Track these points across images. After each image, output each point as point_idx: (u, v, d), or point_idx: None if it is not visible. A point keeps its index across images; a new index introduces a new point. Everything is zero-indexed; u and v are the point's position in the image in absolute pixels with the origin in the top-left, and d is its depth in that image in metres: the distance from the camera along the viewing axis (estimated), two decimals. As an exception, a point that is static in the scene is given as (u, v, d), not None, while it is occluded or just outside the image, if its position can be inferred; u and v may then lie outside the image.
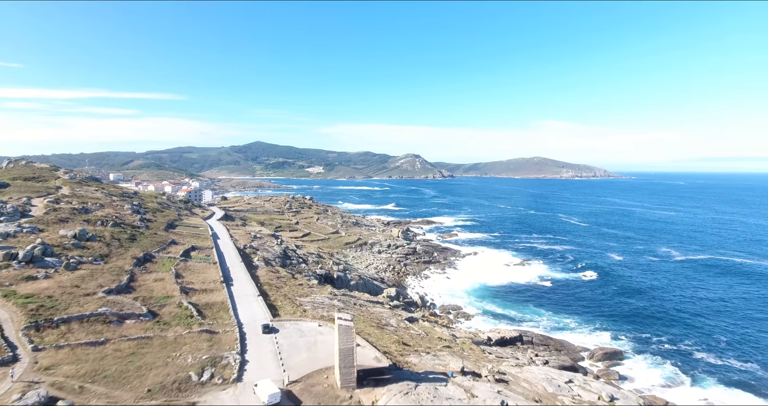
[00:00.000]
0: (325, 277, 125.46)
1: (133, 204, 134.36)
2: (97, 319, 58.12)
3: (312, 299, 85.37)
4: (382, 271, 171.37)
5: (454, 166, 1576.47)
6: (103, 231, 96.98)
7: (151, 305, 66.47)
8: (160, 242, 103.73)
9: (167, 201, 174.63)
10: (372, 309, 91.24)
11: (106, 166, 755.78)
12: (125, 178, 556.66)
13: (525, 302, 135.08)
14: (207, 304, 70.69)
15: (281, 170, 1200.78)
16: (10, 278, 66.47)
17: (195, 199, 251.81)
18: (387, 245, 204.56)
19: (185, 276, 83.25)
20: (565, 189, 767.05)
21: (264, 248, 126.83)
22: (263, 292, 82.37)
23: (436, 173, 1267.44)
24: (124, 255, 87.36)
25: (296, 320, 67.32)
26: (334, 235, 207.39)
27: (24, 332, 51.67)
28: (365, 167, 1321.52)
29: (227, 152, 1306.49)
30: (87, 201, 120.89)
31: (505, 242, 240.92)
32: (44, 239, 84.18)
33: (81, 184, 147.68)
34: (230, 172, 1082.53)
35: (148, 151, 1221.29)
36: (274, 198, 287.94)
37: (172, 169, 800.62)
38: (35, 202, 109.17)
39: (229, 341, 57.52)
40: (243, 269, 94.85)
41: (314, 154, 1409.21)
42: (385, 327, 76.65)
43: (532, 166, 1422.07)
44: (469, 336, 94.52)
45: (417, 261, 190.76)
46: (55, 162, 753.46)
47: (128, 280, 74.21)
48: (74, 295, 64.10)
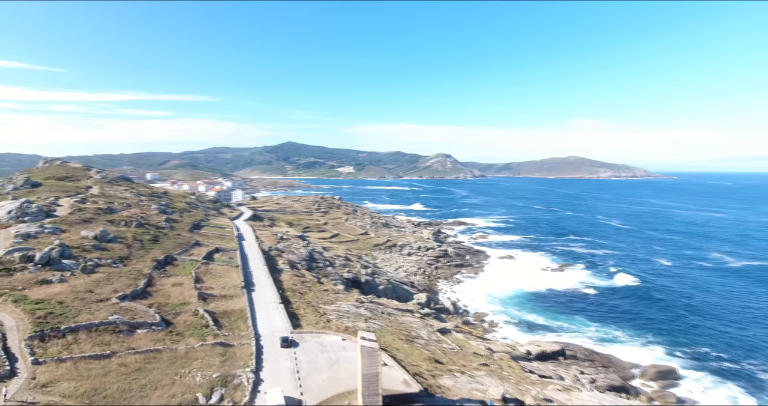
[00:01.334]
0: (352, 281, 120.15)
1: (161, 204, 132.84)
2: (106, 328, 54.24)
3: (337, 307, 79.88)
4: (411, 274, 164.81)
5: (485, 165, 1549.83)
6: (125, 232, 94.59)
7: (166, 313, 62.43)
8: (183, 243, 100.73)
9: (196, 201, 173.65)
10: (401, 318, 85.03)
11: (144, 166, 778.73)
12: (161, 177, 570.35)
13: (566, 310, 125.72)
14: (225, 312, 66.22)
15: (312, 170, 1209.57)
16: (24, 282, 63.81)
17: (224, 199, 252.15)
18: (417, 247, 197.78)
19: (205, 280, 79.33)
20: (603, 190, 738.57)
21: (290, 250, 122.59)
22: (285, 298, 77.48)
23: (467, 173, 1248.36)
24: (145, 257, 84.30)
25: (318, 333, 61.86)
26: (363, 236, 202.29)
27: (27, 343, 48.09)
28: (395, 167, 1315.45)
29: (260, 152, 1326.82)
30: (114, 201, 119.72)
31: (541, 244, 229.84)
32: (65, 239, 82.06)
33: (111, 184, 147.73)
34: (262, 172, 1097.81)
35: (184, 151, 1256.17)
36: (302, 198, 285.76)
37: (206, 169, 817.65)
38: (62, 202, 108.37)
39: (244, 356, 52.52)
40: (266, 273, 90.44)
41: (345, 154, 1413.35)
42: (415, 340, 70.29)
43: (567, 166, 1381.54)
44: (507, 350, 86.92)
45: (448, 264, 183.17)
46: (96, 162, 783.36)
47: (145, 284, 70.64)
48: (86, 301, 60.68)
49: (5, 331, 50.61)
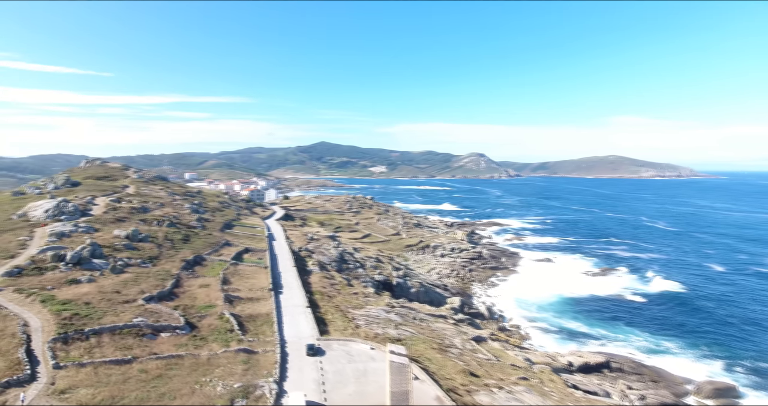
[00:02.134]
0: (383, 283, 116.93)
1: (194, 203, 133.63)
2: (130, 331, 52.90)
3: (366, 311, 76.71)
4: (444, 277, 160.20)
5: (520, 165, 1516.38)
6: (157, 231, 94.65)
7: (191, 316, 60.87)
8: (214, 243, 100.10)
9: (229, 200, 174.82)
10: (434, 325, 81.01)
11: (183, 166, 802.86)
12: (199, 177, 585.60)
13: (610, 318, 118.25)
14: (251, 316, 64.15)
15: (344, 170, 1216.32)
16: (54, 281, 63.71)
17: (257, 199, 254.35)
18: (450, 248, 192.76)
19: (233, 282, 77.81)
20: (645, 190, 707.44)
21: (320, 250, 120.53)
22: (313, 302, 74.92)
23: (501, 173, 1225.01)
24: (174, 257, 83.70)
25: (346, 340, 58.78)
26: (394, 237, 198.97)
27: (50, 345, 47.11)
28: (428, 167, 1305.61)
29: (293, 152, 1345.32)
30: (148, 200, 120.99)
31: (580, 247, 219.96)
32: (97, 239, 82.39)
33: (147, 184, 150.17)
34: (296, 171, 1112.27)
35: (221, 151, 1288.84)
36: (334, 198, 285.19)
37: (242, 168, 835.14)
38: (98, 200, 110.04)
39: (267, 364, 49.97)
40: (295, 275, 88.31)
41: (377, 154, 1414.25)
42: (448, 350, 66.21)
43: (606, 166, 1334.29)
44: (547, 361, 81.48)
45: (483, 267, 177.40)
46: (139, 162, 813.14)
47: (172, 285, 69.56)
48: (113, 302, 59.82)
49: (30, 332, 49.96)
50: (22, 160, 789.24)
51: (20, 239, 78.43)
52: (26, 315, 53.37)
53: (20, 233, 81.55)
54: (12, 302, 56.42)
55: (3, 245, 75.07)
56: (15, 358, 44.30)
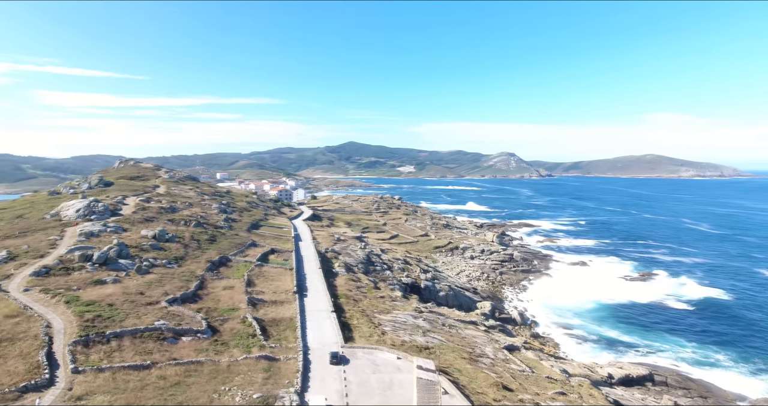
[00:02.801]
0: (411, 286, 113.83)
1: (222, 203, 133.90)
2: (151, 335, 51.68)
3: (393, 316, 73.84)
4: (474, 279, 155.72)
5: (552, 164, 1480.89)
6: (184, 231, 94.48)
7: (213, 319, 59.43)
8: (240, 243, 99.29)
9: (257, 200, 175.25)
10: (463, 331, 77.38)
11: (215, 166, 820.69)
12: (230, 177, 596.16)
13: (652, 327, 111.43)
14: (274, 320, 62.26)
15: (373, 169, 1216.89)
16: (80, 282, 63.54)
17: (285, 198, 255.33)
18: (480, 250, 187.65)
19: (257, 284, 76.33)
20: (685, 190, 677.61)
21: (346, 252, 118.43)
22: (338, 306, 72.57)
23: (532, 172, 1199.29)
24: (200, 258, 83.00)
25: (371, 348, 56.01)
26: (423, 237, 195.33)
27: (71, 348, 46.26)
28: (457, 166, 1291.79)
29: (322, 152, 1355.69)
30: (177, 200, 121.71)
31: (617, 250, 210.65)
32: (125, 238, 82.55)
33: (177, 183, 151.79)
34: (325, 171, 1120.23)
35: (252, 152, 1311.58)
36: (362, 198, 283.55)
37: (271, 168, 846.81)
38: (128, 200, 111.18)
39: (289, 372, 47.75)
40: (320, 277, 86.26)
41: (405, 154, 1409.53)
42: (479, 360, 62.58)
43: (643, 165, 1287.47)
44: (585, 373, 76.58)
45: (514, 269, 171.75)
46: (173, 163, 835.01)
47: (196, 287, 68.51)
48: (136, 303, 59.01)
49: (53, 334, 49.38)
50: (64, 161, 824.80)
51: (51, 238, 79.28)
52: (50, 316, 52.98)
53: (52, 233, 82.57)
54: (38, 302, 56.29)
55: (34, 245, 75.96)
56: (35, 361, 43.57)
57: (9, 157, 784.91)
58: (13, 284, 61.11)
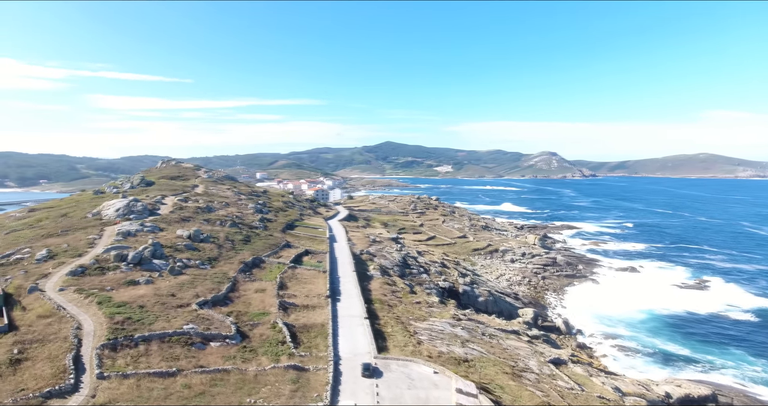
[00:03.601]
0: (448, 291, 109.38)
1: (258, 203, 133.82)
2: (179, 339, 50.18)
3: (430, 324, 69.93)
4: (515, 284, 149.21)
5: (596, 164, 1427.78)
6: (219, 231, 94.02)
7: (243, 323, 57.53)
8: (274, 244, 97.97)
9: (293, 200, 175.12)
10: (505, 342, 72.53)
11: (255, 166, 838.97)
12: (269, 177, 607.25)
13: (712, 340, 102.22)
14: (305, 326, 59.75)
15: (410, 169, 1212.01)
16: (113, 282, 63.27)
17: (321, 198, 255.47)
18: (521, 253, 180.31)
19: (289, 287, 74.29)
20: (744, 192, 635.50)
21: (382, 254, 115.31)
22: (372, 312, 69.41)
23: (575, 172, 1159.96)
24: (233, 259, 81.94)
25: (406, 360, 52.42)
26: (460, 239, 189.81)
27: (98, 352, 45.21)
28: (496, 166, 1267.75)
29: (359, 152, 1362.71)
30: (214, 200, 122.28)
31: (669, 255, 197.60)
32: (161, 238, 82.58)
33: (216, 183, 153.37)
34: (362, 171, 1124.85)
35: (291, 152, 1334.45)
36: (398, 198, 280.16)
37: (310, 168, 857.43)
38: (167, 200, 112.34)
39: (318, 385, 44.91)
40: (354, 280, 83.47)
41: (443, 153, 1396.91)
42: (523, 375, 57.78)
43: (696, 165, 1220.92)
44: (640, 391, 70.03)
45: (557, 274, 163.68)
46: (216, 163, 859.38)
47: (228, 290, 67.06)
48: (167, 306, 57.93)
49: (82, 336, 48.66)
50: (115, 161, 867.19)
51: (90, 237, 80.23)
52: (81, 317, 52.47)
53: (91, 232, 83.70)
54: (71, 302, 56.10)
55: (74, 244, 76.96)
56: (62, 365, 42.69)
57: (65, 158, 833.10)
58: (50, 283, 61.48)
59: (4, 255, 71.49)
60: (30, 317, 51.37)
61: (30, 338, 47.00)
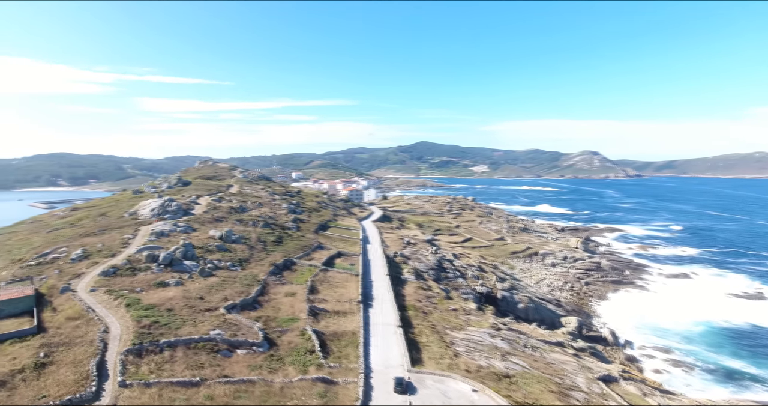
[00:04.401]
0: (486, 296, 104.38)
1: (291, 203, 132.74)
2: (205, 346, 48.24)
3: (467, 334, 65.68)
4: (557, 290, 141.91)
5: (641, 164, 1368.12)
6: (251, 232, 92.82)
7: (271, 330, 55.22)
8: (306, 246, 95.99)
9: (327, 200, 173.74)
10: (549, 355, 67.33)
11: (290, 166, 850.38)
12: (304, 176, 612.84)
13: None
14: (335, 334, 56.90)
15: (445, 169, 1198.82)
16: (144, 283, 62.44)
17: (356, 198, 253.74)
18: (563, 256, 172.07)
19: (320, 291, 71.76)
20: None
21: (416, 256, 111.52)
22: (406, 319, 65.88)
23: (618, 172, 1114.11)
24: (264, 261, 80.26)
25: (442, 375, 48.61)
26: (498, 242, 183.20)
27: (122, 357, 43.74)
28: (534, 166, 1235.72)
29: (394, 152, 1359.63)
30: (247, 200, 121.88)
31: (725, 261, 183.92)
32: (193, 239, 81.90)
33: (250, 183, 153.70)
34: (396, 171, 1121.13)
35: (326, 152, 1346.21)
36: (434, 198, 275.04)
37: (344, 168, 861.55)
38: (201, 200, 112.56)
39: (347, 400, 41.82)
40: (387, 285, 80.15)
41: (478, 153, 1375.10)
42: (570, 394, 52.75)
43: (751, 164, 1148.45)
44: (703, 414, 63.37)
45: (602, 280, 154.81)
46: (253, 163, 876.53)
47: (257, 293, 65.11)
48: (195, 309, 56.35)
49: (108, 340, 47.47)
50: (158, 161, 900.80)
51: (125, 236, 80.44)
52: (109, 320, 51.47)
53: (126, 231, 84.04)
54: (101, 304, 55.37)
55: (108, 243, 77.22)
56: (85, 371, 41.37)
57: (113, 159, 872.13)
58: (83, 283, 61.23)
59: (42, 254, 72.37)
60: (59, 319, 50.79)
61: (57, 341, 46.16)
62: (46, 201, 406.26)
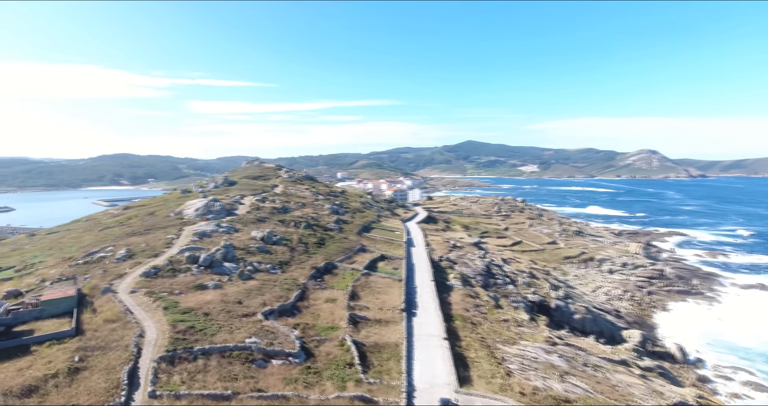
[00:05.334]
0: (538, 305, 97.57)
1: (335, 204, 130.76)
2: (240, 355, 45.83)
3: (520, 349, 60.10)
4: (615, 299, 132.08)
5: (705, 163, 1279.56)
6: (292, 233, 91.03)
7: (309, 339, 52.27)
8: (348, 248, 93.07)
9: (371, 201, 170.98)
10: (613, 376, 60.54)
11: (336, 166, 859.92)
12: (350, 176, 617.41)
13: None
14: (376, 345, 53.16)
15: (492, 169, 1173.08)
16: (183, 285, 61.32)
17: (400, 199, 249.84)
18: (622, 262, 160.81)
19: (362, 297, 68.38)
20: None
21: (463, 261, 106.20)
22: (453, 331, 61.17)
23: (679, 172, 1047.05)
24: (305, 264, 77.90)
25: (494, 398, 43.67)
26: (550, 246, 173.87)
27: (155, 365, 41.97)
28: (587, 166, 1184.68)
29: (439, 152, 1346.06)
30: (291, 200, 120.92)
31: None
32: (234, 240, 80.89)
33: (295, 183, 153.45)
34: (442, 171, 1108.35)
35: (371, 152, 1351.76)
36: (481, 199, 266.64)
37: (390, 168, 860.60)
38: (245, 200, 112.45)
39: (388, 424, 37.92)
40: (432, 291, 75.68)
41: (527, 152, 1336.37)
42: (642, 425, 46.30)
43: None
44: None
45: (667, 289, 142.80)
46: (300, 163, 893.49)
47: (296, 298, 62.56)
48: (232, 314, 54.37)
49: (143, 345, 46.01)
50: (211, 162, 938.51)
51: (168, 236, 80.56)
52: (146, 324, 50.28)
53: (170, 231, 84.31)
54: (140, 306, 54.49)
55: (152, 243, 77.45)
56: (116, 378, 39.77)
57: (169, 159, 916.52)
58: (124, 284, 60.89)
59: (89, 253, 73.39)
60: (97, 321, 50.09)
61: (93, 345, 45.18)
62: (108, 199, 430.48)
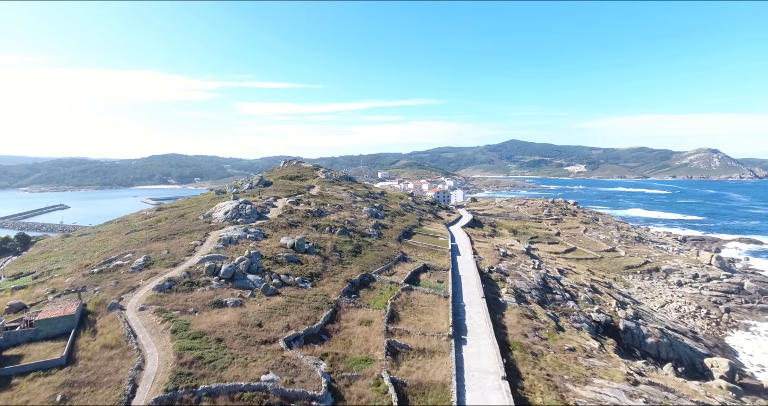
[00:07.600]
0: (604, 326, 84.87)
1: (374, 206, 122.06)
2: (252, 397, 37.44)
3: (596, 391, 48.83)
4: (688, 316, 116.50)
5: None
6: (326, 240, 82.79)
7: (338, 374, 43.38)
8: (387, 257, 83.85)
9: (412, 203, 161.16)
10: (716, 430, 48.23)
11: (377, 165, 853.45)
12: (390, 176, 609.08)
13: None
14: (419, 384, 43.53)
15: (537, 169, 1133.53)
16: (199, 302, 53.93)
17: (442, 200, 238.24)
18: (692, 274, 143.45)
19: (402, 318, 58.91)
20: None
21: (515, 272, 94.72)
22: (511, 365, 50.64)
23: (744, 172, 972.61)
24: (338, 276, 69.29)
25: (576, 474, 33.14)
26: (608, 253, 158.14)
27: (150, 409, 34.33)
28: (639, 166, 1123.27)
29: (482, 151, 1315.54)
30: (327, 202, 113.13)
31: None
32: (263, 247, 73.47)
33: (332, 184, 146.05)
34: (484, 171, 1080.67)
35: (412, 151, 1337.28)
36: (529, 201, 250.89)
37: (430, 168, 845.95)
38: (278, 202, 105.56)
39: None
40: (483, 310, 65.27)
41: (574, 151, 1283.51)
42: None
43: None
44: None
45: (748, 306, 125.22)
46: (341, 163, 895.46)
47: (326, 319, 53.93)
48: (249, 341, 46.25)
49: (140, 381, 38.47)
50: (254, 162, 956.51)
51: (192, 242, 74.12)
52: (149, 351, 42.94)
53: (196, 236, 78.00)
54: (146, 327, 47.37)
55: (174, 250, 71.15)
56: (100, 428, 32.46)
57: (215, 159, 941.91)
58: (135, 298, 54.24)
59: (107, 260, 67.95)
60: (94, 347, 43.21)
61: (82, 379, 38.01)
62: (156, 197, 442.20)
